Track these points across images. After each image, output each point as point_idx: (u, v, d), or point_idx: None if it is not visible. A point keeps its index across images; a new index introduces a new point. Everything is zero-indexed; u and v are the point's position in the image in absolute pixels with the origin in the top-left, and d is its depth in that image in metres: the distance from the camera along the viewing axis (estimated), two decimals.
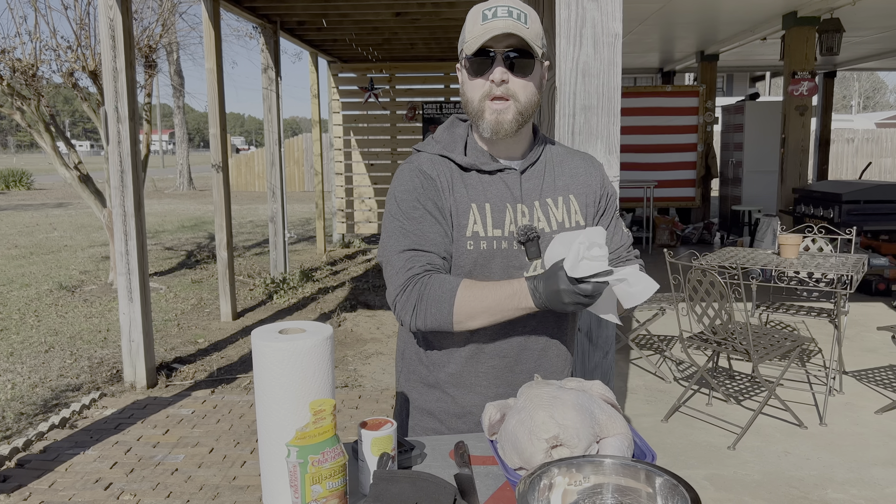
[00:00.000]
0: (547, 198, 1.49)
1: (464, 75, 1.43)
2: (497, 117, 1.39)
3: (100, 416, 4.04)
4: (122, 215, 4.43)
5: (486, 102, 1.40)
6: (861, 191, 6.53)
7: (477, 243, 1.43)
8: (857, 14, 7.75)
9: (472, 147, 1.49)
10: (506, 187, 1.46)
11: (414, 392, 1.58)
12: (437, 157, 1.47)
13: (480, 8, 1.39)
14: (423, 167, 1.45)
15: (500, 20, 1.35)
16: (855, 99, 48.12)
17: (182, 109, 21.66)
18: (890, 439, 3.65)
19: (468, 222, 1.43)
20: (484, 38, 1.34)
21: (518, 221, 1.45)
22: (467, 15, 1.42)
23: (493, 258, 1.44)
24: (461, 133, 1.51)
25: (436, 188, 1.43)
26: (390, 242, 1.42)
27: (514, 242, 1.45)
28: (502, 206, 1.45)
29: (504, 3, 1.37)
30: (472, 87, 1.41)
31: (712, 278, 3.53)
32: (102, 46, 4.32)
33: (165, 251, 10.19)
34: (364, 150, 10.40)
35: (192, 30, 14.91)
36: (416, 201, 1.42)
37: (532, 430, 1.15)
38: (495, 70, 1.37)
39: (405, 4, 6.82)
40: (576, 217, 1.51)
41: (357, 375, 4.80)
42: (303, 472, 1.08)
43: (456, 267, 1.45)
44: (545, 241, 1.46)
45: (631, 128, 10.30)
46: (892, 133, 21.95)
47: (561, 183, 1.52)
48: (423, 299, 1.36)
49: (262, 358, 1.12)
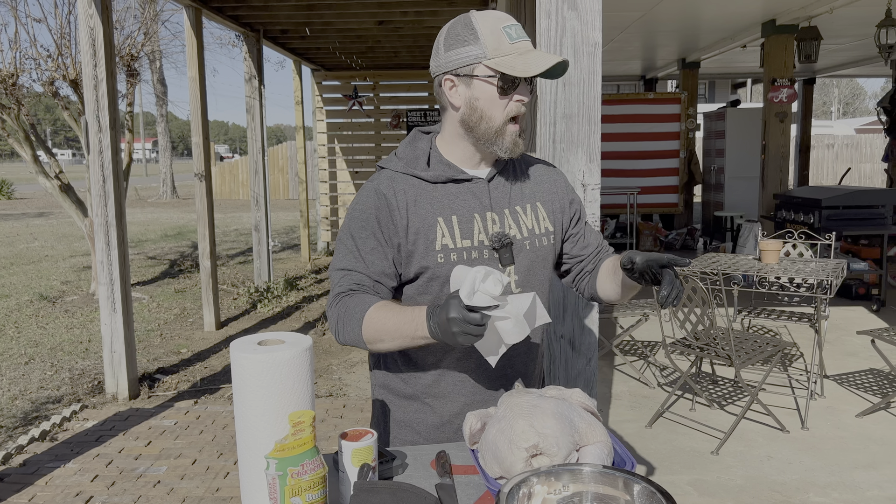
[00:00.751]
0: (516, 205, 1.51)
1: (478, 90, 1.40)
2: (515, 139, 1.42)
3: (81, 429, 4.00)
4: (103, 225, 4.40)
5: (509, 125, 1.41)
6: (841, 196, 6.61)
7: (447, 255, 1.44)
8: (835, 22, 7.86)
9: (436, 160, 1.49)
10: (473, 197, 1.47)
11: (390, 405, 1.58)
12: (399, 175, 1.47)
13: (497, 24, 1.37)
14: (380, 187, 1.46)
15: (527, 42, 1.38)
16: (834, 105, 48.72)
17: (165, 118, 21.54)
18: (871, 443, 3.69)
19: (436, 236, 1.44)
20: (536, 66, 1.34)
21: (489, 230, 1.47)
22: (471, 24, 1.39)
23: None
24: (424, 147, 1.51)
25: (388, 209, 1.44)
26: (336, 258, 1.48)
27: (484, 251, 1.46)
28: (470, 217, 1.46)
29: (512, 20, 1.39)
30: (498, 105, 1.40)
31: (694, 284, 3.56)
32: (83, 55, 4.30)
33: (148, 260, 10.12)
34: (348, 157, 10.39)
35: (174, 38, 14.88)
36: (364, 221, 1.45)
37: (512, 438, 1.16)
38: (524, 93, 1.40)
39: (388, 13, 6.84)
40: (544, 223, 1.54)
41: (342, 384, 4.78)
42: (282, 484, 1.08)
43: (429, 280, 1.46)
44: (517, 247, 1.48)
45: (614, 135, 10.37)
46: (872, 139, 22.24)
47: (528, 191, 1.54)
48: (340, 318, 1.41)
49: (240, 370, 1.12)
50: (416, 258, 1.45)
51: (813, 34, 7.31)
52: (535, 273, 1.52)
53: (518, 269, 1.49)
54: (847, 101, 50.81)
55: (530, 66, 1.34)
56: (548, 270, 1.56)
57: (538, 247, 1.52)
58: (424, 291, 1.48)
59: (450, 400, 1.52)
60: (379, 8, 6.57)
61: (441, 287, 1.46)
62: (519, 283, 1.49)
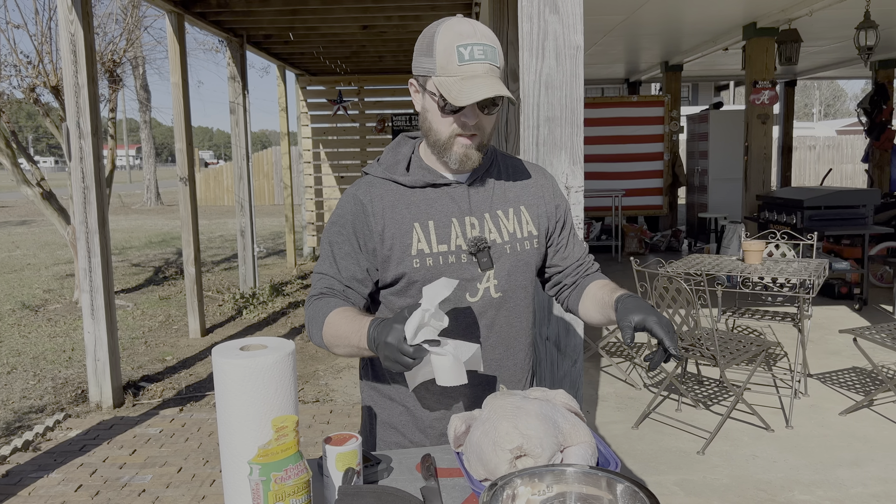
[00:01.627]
0: (497, 209, 1.51)
1: (429, 105, 1.40)
2: (465, 151, 1.41)
3: (64, 438, 3.95)
4: (85, 232, 4.36)
5: (458, 138, 1.40)
6: (822, 197, 6.67)
7: (423, 260, 1.45)
8: (814, 25, 7.95)
9: (416, 165, 1.50)
10: (452, 201, 1.47)
11: (377, 407, 1.59)
12: (378, 180, 1.49)
13: (454, 42, 1.33)
14: (359, 193, 1.48)
15: (479, 64, 1.32)
16: (816, 107, 49.23)
17: (149, 124, 21.40)
18: (854, 440, 3.72)
19: (412, 241, 1.45)
20: (469, 96, 1.30)
21: (468, 234, 1.47)
22: (435, 34, 1.35)
23: (442, 273, 1.45)
24: (405, 152, 1.52)
25: (364, 214, 1.45)
26: (318, 263, 1.51)
27: (462, 255, 1.46)
28: (447, 222, 1.46)
29: (477, 39, 1.33)
30: (441, 123, 1.40)
31: (678, 285, 3.58)
32: (63, 61, 4.27)
33: (132, 268, 10.04)
34: (334, 162, 10.37)
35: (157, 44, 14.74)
36: (341, 227, 1.47)
37: (496, 440, 1.16)
38: (469, 115, 1.37)
39: (372, 18, 6.85)
40: (528, 227, 1.53)
41: (328, 390, 4.76)
42: (266, 489, 1.07)
43: (406, 285, 1.47)
44: (496, 251, 1.48)
45: (598, 138, 10.42)
46: (853, 140, 22.49)
47: (512, 195, 1.54)
48: (309, 320, 1.45)
49: (222, 375, 1.11)
50: (393, 263, 1.45)
51: (793, 37, 7.39)
52: (516, 277, 1.51)
53: (498, 273, 1.48)
54: (828, 102, 51.37)
55: (462, 96, 1.31)
56: (530, 274, 1.56)
57: (519, 251, 1.51)
58: (404, 294, 1.49)
59: (436, 402, 1.52)
60: (363, 13, 6.58)
61: (419, 291, 1.46)
62: (499, 287, 1.49)
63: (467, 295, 1.47)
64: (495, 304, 1.49)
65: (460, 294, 1.47)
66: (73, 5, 4.23)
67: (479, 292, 1.48)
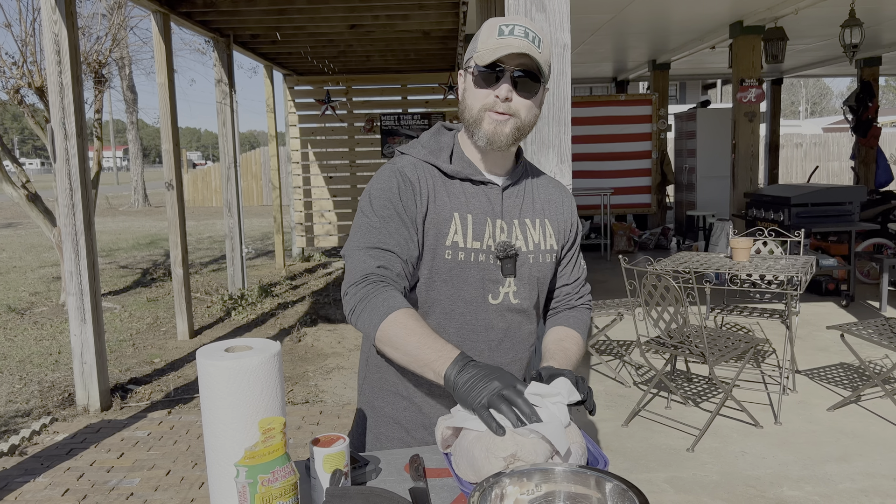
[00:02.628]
0: (525, 217, 1.50)
1: (468, 82, 1.42)
2: (495, 128, 1.39)
3: (51, 442, 3.92)
4: (71, 234, 4.32)
5: (487, 112, 1.39)
6: (809, 194, 6.71)
7: (455, 253, 1.42)
8: (800, 23, 8.00)
9: (458, 156, 1.48)
10: (487, 201, 1.46)
11: (381, 401, 1.56)
12: (421, 163, 1.46)
13: (498, 22, 1.38)
14: (404, 170, 1.44)
15: (516, 39, 1.35)
16: (802, 105, 49.55)
17: (136, 125, 21.27)
18: (842, 436, 3.75)
19: (449, 230, 1.42)
20: (497, 53, 1.34)
21: (496, 237, 1.46)
22: (482, 25, 1.41)
23: (469, 269, 1.44)
24: (447, 141, 1.50)
25: (412, 192, 1.42)
26: (356, 237, 1.42)
27: (490, 256, 1.45)
28: (483, 219, 1.45)
29: (522, 23, 1.37)
30: (475, 95, 1.40)
31: (667, 283, 3.59)
32: (47, 62, 4.23)
33: (120, 270, 9.97)
34: (322, 162, 10.34)
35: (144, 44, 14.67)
36: (388, 201, 1.41)
37: (489, 447, 1.14)
38: (502, 86, 1.37)
39: (359, 17, 6.82)
40: (550, 241, 1.53)
41: (318, 391, 4.75)
42: (252, 492, 1.06)
43: (433, 273, 1.44)
44: (521, 259, 1.48)
45: (587, 136, 10.44)
46: (839, 137, 22.66)
47: (538, 206, 1.53)
48: (361, 303, 1.34)
49: (207, 377, 1.10)
50: (426, 251, 1.42)
51: (779, 35, 7.43)
52: (534, 287, 1.51)
53: (519, 280, 1.48)
54: (814, 100, 51.73)
55: (487, 55, 1.34)
56: (545, 285, 1.56)
57: (541, 262, 1.51)
58: (424, 287, 1.45)
59: (441, 400, 1.51)
60: (350, 12, 6.55)
61: (444, 283, 1.44)
62: (518, 294, 1.48)
63: (490, 297, 1.46)
64: (513, 309, 1.49)
65: (483, 294, 1.46)
66: (56, 5, 4.19)
67: (501, 296, 1.47)
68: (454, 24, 7.18)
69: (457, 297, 1.45)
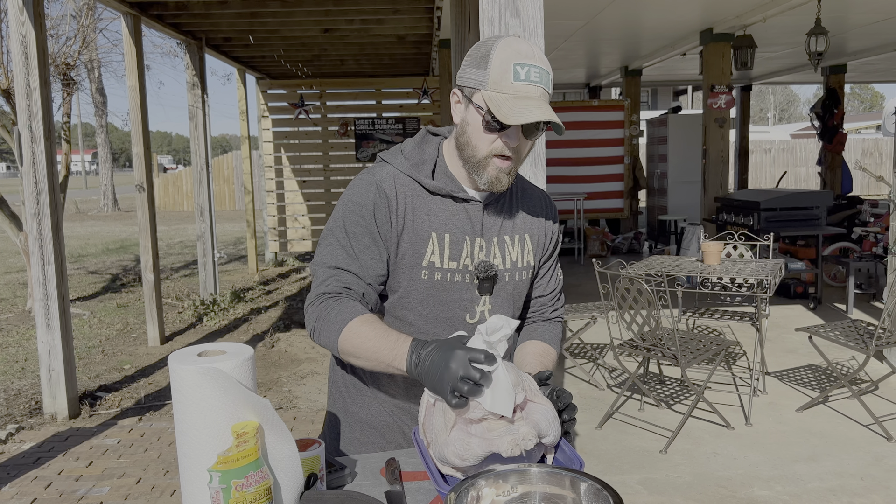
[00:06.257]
0: (505, 234, 1.47)
1: (474, 121, 1.33)
2: (499, 174, 1.36)
3: (17, 451, 3.84)
4: (38, 239, 4.24)
5: (493, 158, 1.34)
6: (778, 198, 6.83)
7: (432, 273, 1.41)
8: (768, 31, 8.15)
9: (441, 171, 1.44)
10: (467, 218, 1.43)
11: (354, 405, 1.55)
12: (402, 175, 1.42)
13: (512, 59, 1.28)
14: (382, 184, 1.39)
15: (534, 87, 1.28)
16: (771, 111, 50.42)
17: (105, 129, 20.96)
18: (810, 436, 3.81)
19: (426, 251, 1.40)
20: (521, 116, 1.26)
21: (475, 255, 1.43)
22: (493, 47, 1.30)
23: (445, 289, 1.43)
24: (431, 153, 1.45)
25: (388, 209, 1.38)
26: (324, 251, 1.40)
27: (467, 276, 1.43)
28: (461, 239, 1.42)
29: (536, 62, 1.30)
30: (483, 139, 1.33)
31: (640, 286, 3.62)
32: (14, 64, 4.15)
33: (89, 275, 9.81)
34: (296, 166, 10.28)
35: (114, 47, 14.45)
36: (361, 217, 1.38)
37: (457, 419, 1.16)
38: (512, 137, 1.32)
39: (333, 21, 6.80)
40: (528, 257, 1.51)
41: (292, 397, 4.71)
42: (226, 497, 1.05)
43: (409, 292, 1.42)
44: (499, 279, 1.46)
45: (560, 142, 10.51)
46: (806, 143, 23.08)
47: (520, 221, 1.50)
48: (319, 320, 1.35)
49: (179, 382, 1.09)
50: (401, 269, 1.40)
51: (748, 42, 7.56)
52: (510, 305, 1.51)
53: (495, 299, 1.47)
54: (782, 107, 52.67)
55: (512, 115, 1.26)
56: (521, 302, 1.55)
57: (517, 280, 1.50)
58: (401, 305, 1.44)
59: (414, 401, 1.51)
60: (324, 16, 6.53)
61: (420, 303, 1.42)
62: (492, 311, 1.48)
63: (467, 316, 1.46)
64: None
65: (461, 314, 1.45)
66: (24, 6, 4.12)
67: (477, 314, 1.46)
68: (428, 29, 7.20)
69: (432, 316, 1.44)
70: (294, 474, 1.14)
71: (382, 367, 1.29)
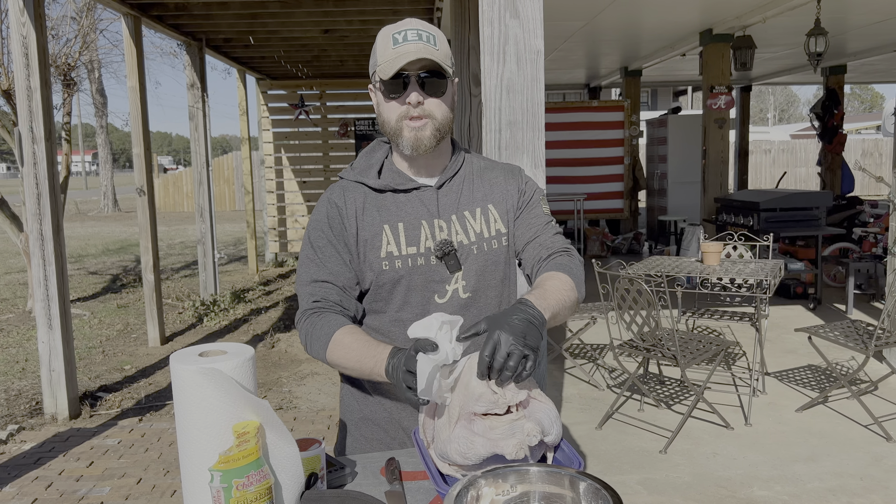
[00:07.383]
0: (465, 210, 1.51)
1: (379, 97, 1.45)
2: (416, 134, 1.42)
3: (18, 451, 3.84)
4: (39, 239, 4.25)
5: (404, 122, 1.42)
6: (778, 199, 6.83)
7: (392, 263, 1.46)
8: (768, 31, 8.15)
9: (388, 169, 1.52)
10: (421, 204, 1.49)
11: (358, 403, 1.59)
12: (351, 184, 1.52)
13: (390, 31, 1.40)
14: (332, 196, 1.50)
15: (412, 44, 1.37)
16: (770, 112, 50.40)
17: (105, 129, 20.96)
18: (810, 436, 3.81)
19: (381, 244, 1.47)
20: (397, 63, 1.36)
21: (436, 237, 1.47)
22: (377, 37, 1.44)
23: (411, 275, 1.47)
24: (379, 157, 1.54)
25: (340, 217, 1.48)
26: (300, 273, 1.51)
27: (431, 258, 1.47)
28: (417, 224, 1.47)
29: (413, 26, 1.40)
30: (389, 108, 1.43)
31: (639, 287, 3.63)
32: (15, 65, 4.16)
33: (90, 276, 9.81)
34: (296, 167, 10.28)
35: (114, 47, 14.45)
36: (321, 231, 1.48)
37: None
38: (411, 93, 1.40)
39: (333, 22, 6.81)
40: (496, 226, 1.53)
41: (292, 397, 4.71)
42: (227, 496, 1.06)
43: (377, 286, 1.48)
44: (463, 252, 1.48)
45: (560, 142, 10.52)
46: (806, 144, 23.09)
47: (479, 194, 1.54)
48: (309, 336, 1.44)
49: (181, 382, 1.09)
50: (366, 267, 1.47)
51: (748, 43, 7.57)
52: (484, 277, 1.51)
53: (466, 274, 1.48)
54: (782, 107, 52.66)
55: (388, 66, 1.37)
56: (499, 273, 1.53)
57: (487, 251, 1.51)
58: (375, 299, 1.50)
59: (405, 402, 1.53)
60: (324, 16, 6.54)
61: (389, 293, 1.48)
62: (468, 287, 1.49)
63: (436, 297, 1.48)
64: (464, 304, 1.49)
65: (429, 296, 1.48)
66: (24, 7, 4.12)
67: (448, 293, 1.48)
68: None
69: (404, 303, 1.49)
70: (295, 474, 1.15)
71: (367, 376, 1.36)
